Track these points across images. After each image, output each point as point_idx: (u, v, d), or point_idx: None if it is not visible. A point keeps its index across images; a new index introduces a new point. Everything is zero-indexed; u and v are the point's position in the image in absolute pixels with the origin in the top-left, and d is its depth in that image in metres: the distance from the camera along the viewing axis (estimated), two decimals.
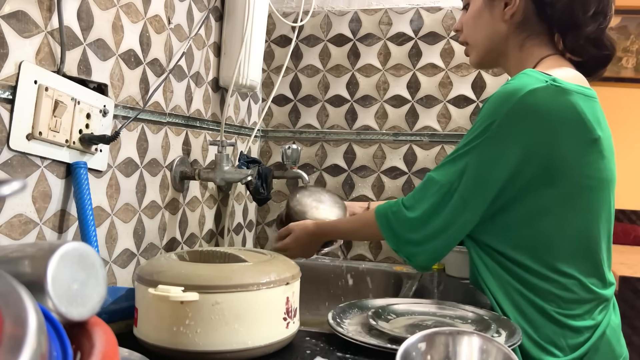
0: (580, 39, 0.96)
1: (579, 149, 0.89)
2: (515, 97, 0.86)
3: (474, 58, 1.07)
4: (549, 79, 0.87)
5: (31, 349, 0.34)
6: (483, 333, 0.73)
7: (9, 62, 0.81)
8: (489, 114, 0.89)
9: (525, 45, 1.00)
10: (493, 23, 1.01)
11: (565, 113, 0.87)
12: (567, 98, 0.87)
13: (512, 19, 0.98)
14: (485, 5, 1.01)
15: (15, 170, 0.83)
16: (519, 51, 1.00)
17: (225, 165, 1.29)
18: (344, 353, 0.78)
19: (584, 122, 0.88)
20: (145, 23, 1.13)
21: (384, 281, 1.52)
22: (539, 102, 0.86)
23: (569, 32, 0.97)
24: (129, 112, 1.09)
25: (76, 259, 0.48)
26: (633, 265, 2.33)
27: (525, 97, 0.86)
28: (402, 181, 1.64)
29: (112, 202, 1.06)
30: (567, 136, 0.88)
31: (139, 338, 0.76)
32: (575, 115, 0.88)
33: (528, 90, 0.86)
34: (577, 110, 0.88)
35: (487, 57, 1.05)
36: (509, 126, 0.87)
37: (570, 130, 0.88)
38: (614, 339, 0.95)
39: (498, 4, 0.99)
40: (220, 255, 0.84)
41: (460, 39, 1.09)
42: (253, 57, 1.41)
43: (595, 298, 0.92)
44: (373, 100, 1.67)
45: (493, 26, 1.01)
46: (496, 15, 1.00)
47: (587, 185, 0.91)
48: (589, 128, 0.89)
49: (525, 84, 0.87)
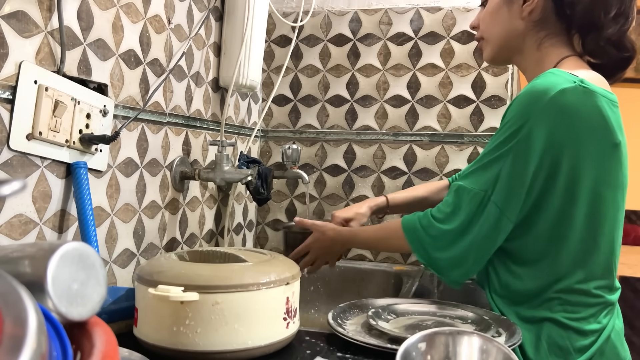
0: (601, 40, 0.94)
1: (601, 153, 0.87)
2: (546, 97, 0.84)
3: (488, 53, 1.05)
4: (577, 79, 0.85)
5: (31, 349, 0.34)
6: (483, 333, 0.73)
7: (9, 62, 0.81)
8: (519, 114, 0.87)
9: (544, 44, 0.97)
10: (510, 20, 0.99)
11: (591, 116, 0.86)
12: (594, 100, 0.85)
13: (530, 17, 0.97)
14: (504, 1, 0.99)
15: (15, 170, 0.83)
16: (536, 50, 0.98)
17: (225, 165, 1.29)
18: (344, 353, 0.79)
19: (607, 126, 0.87)
20: (145, 23, 1.13)
21: (384, 281, 1.52)
22: (568, 103, 0.84)
23: (589, 33, 0.94)
24: (129, 112, 1.09)
25: (76, 259, 0.48)
26: (633, 266, 2.34)
27: (556, 97, 0.84)
28: (402, 181, 1.64)
29: (112, 202, 1.06)
30: (591, 139, 0.86)
31: (139, 338, 0.76)
32: (601, 118, 0.86)
33: (559, 90, 0.84)
34: (602, 113, 0.86)
35: (502, 53, 1.03)
36: (539, 127, 0.85)
37: (595, 134, 0.86)
38: (619, 343, 0.94)
39: (517, 1, 0.97)
40: (220, 255, 0.85)
41: (477, 35, 1.07)
42: (253, 57, 1.41)
43: (602, 302, 0.92)
44: (373, 100, 1.67)
45: (510, 23, 0.99)
46: (514, 11, 0.98)
47: (605, 190, 0.89)
48: (612, 132, 0.87)
49: (555, 83, 0.85)
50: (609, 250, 0.92)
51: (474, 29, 1.08)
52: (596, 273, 0.91)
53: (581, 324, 0.90)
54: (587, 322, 0.90)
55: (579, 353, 0.89)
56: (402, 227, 0.97)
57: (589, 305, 0.91)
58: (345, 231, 1.13)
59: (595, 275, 0.91)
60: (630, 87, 2.98)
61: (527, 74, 1.02)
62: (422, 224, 0.94)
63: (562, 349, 0.89)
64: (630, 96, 3.05)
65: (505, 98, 1.56)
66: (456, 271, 0.92)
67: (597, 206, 0.89)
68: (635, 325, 2.26)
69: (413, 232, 0.95)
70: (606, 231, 0.91)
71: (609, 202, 0.91)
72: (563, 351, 0.89)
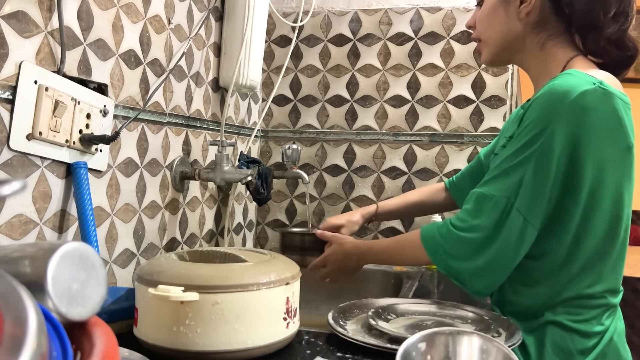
0: (601, 40, 0.93)
1: (618, 155, 0.86)
2: (568, 99, 0.82)
3: (487, 55, 1.03)
4: (597, 81, 0.84)
5: (31, 349, 0.34)
6: (483, 333, 0.73)
7: (9, 62, 0.81)
8: (540, 117, 0.84)
9: (547, 45, 0.96)
10: (508, 21, 0.97)
11: (610, 118, 0.85)
12: (612, 103, 0.84)
13: (528, 18, 0.95)
14: (500, 2, 0.97)
15: (15, 170, 0.83)
16: (539, 50, 0.96)
17: (225, 165, 1.29)
18: (344, 353, 0.78)
19: (623, 129, 0.86)
20: (145, 23, 1.13)
21: (384, 281, 1.52)
22: (589, 105, 0.83)
23: (589, 33, 0.94)
24: (129, 112, 1.09)
25: (76, 259, 0.48)
26: (633, 266, 2.33)
27: (578, 99, 0.82)
28: (402, 181, 1.64)
29: (112, 202, 1.06)
30: (610, 142, 0.85)
31: (139, 338, 0.76)
32: (618, 121, 0.85)
33: (580, 92, 0.82)
34: (619, 116, 0.85)
35: (501, 55, 1.01)
36: (561, 130, 0.83)
37: (612, 136, 0.85)
38: (621, 345, 0.94)
39: (513, 2, 0.96)
40: (220, 255, 0.84)
41: (473, 36, 1.05)
42: (253, 57, 1.41)
43: (605, 304, 0.92)
44: (373, 100, 1.67)
45: (508, 24, 0.97)
46: (511, 13, 0.96)
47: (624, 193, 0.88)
48: (627, 135, 0.86)
49: (575, 84, 0.83)
50: (619, 253, 0.92)
51: (470, 28, 1.06)
52: (603, 277, 0.91)
53: (584, 326, 0.90)
54: (590, 324, 0.90)
55: (581, 355, 0.89)
56: (421, 237, 0.94)
57: (592, 307, 0.90)
58: (362, 244, 1.11)
59: (603, 278, 0.91)
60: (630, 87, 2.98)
61: (531, 73, 1.00)
62: (441, 233, 0.91)
63: (564, 351, 0.89)
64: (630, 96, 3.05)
65: (505, 98, 1.56)
66: (480, 282, 0.89)
67: (617, 210, 0.88)
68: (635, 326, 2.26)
69: (432, 242, 0.92)
70: (621, 234, 0.91)
71: (626, 205, 0.90)
72: (565, 353, 0.89)
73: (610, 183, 0.87)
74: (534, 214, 0.85)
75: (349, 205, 1.67)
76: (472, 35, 1.06)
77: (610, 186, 0.87)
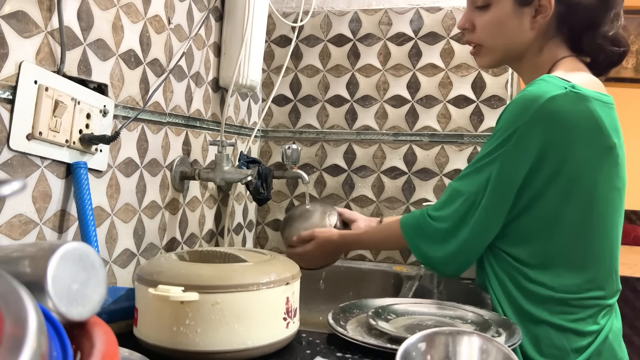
0: (598, 37, 0.95)
1: (595, 156, 0.88)
2: (536, 105, 0.85)
3: (487, 61, 1.02)
4: (568, 85, 0.86)
5: (31, 349, 0.34)
6: (483, 333, 0.73)
7: (9, 62, 0.81)
8: (510, 121, 0.88)
9: (544, 49, 0.97)
10: (520, 31, 0.96)
11: (584, 120, 0.86)
12: (586, 105, 0.86)
13: (540, 26, 0.95)
14: (514, 12, 0.95)
15: (15, 170, 0.83)
16: (537, 55, 0.98)
17: (225, 165, 1.29)
18: (343, 353, 0.78)
19: (601, 130, 0.87)
20: (145, 23, 1.13)
21: (384, 281, 1.52)
22: (559, 110, 0.85)
23: (586, 32, 0.95)
24: (129, 112, 1.09)
25: (76, 259, 0.48)
26: (633, 266, 2.34)
27: (545, 104, 0.85)
28: (402, 181, 1.64)
29: (112, 202, 1.06)
30: (584, 144, 0.87)
31: (139, 338, 0.76)
32: (593, 122, 0.87)
33: (548, 98, 0.85)
34: (595, 117, 0.87)
35: (502, 61, 1.03)
36: (528, 134, 0.86)
37: (588, 138, 0.87)
38: (616, 344, 0.94)
39: (528, 12, 0.94)
40: (220, 255, 0.84)
41: (468, 38, 1.02)
42: (253, 57, 1.41)
43: (601, 304, 0.92)
44: (373, 100, 1.67)
45: (519, 34, 0.96)
46: (525, 23, 0.95)
47: (602, 194, 0.90)
48: (606, 135, 0.88)
49: (545, 90, 0.86)
50: (610, 253, 0.93)
51: (464, 30, 1.02)
52: (597, 277, 0.92)
53: (579, 325, 0.90)
54: (586, 323, 0.91)
55: (576, 353, 0.90)
56: (400, 226, 1.01)
57: (587, 307, 0.91)
58: (349, 235, 1.16)
59: (597, 279, 0.92)
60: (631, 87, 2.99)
61: (524, 77, 1.02)
62: (418, 222, 0.99)
63: (559, 349, 0.90)
64: (630, 96, 3.05)
65: (505, 98, 1.56)
66: (449, 267, 0.97)
67: (592, 209, 0.90)
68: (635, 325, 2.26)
69: (410, 229, 1.00)
70: (605, 234, 0.92)
71: (608, 205, 0.91)
72: (560, 351, 0.90)
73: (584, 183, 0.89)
74: (498, 209, 0.91)
75: (349, 205, 1.68)
76: (469, 38, 1.02)
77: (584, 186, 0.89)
